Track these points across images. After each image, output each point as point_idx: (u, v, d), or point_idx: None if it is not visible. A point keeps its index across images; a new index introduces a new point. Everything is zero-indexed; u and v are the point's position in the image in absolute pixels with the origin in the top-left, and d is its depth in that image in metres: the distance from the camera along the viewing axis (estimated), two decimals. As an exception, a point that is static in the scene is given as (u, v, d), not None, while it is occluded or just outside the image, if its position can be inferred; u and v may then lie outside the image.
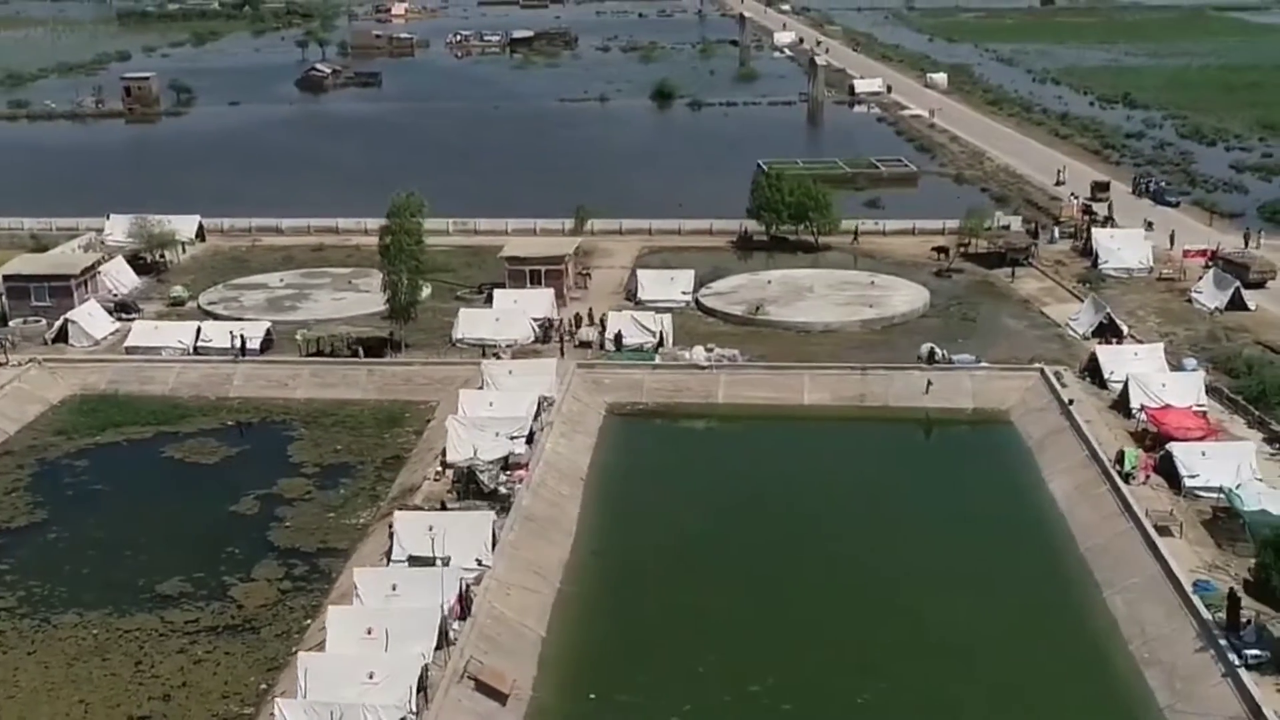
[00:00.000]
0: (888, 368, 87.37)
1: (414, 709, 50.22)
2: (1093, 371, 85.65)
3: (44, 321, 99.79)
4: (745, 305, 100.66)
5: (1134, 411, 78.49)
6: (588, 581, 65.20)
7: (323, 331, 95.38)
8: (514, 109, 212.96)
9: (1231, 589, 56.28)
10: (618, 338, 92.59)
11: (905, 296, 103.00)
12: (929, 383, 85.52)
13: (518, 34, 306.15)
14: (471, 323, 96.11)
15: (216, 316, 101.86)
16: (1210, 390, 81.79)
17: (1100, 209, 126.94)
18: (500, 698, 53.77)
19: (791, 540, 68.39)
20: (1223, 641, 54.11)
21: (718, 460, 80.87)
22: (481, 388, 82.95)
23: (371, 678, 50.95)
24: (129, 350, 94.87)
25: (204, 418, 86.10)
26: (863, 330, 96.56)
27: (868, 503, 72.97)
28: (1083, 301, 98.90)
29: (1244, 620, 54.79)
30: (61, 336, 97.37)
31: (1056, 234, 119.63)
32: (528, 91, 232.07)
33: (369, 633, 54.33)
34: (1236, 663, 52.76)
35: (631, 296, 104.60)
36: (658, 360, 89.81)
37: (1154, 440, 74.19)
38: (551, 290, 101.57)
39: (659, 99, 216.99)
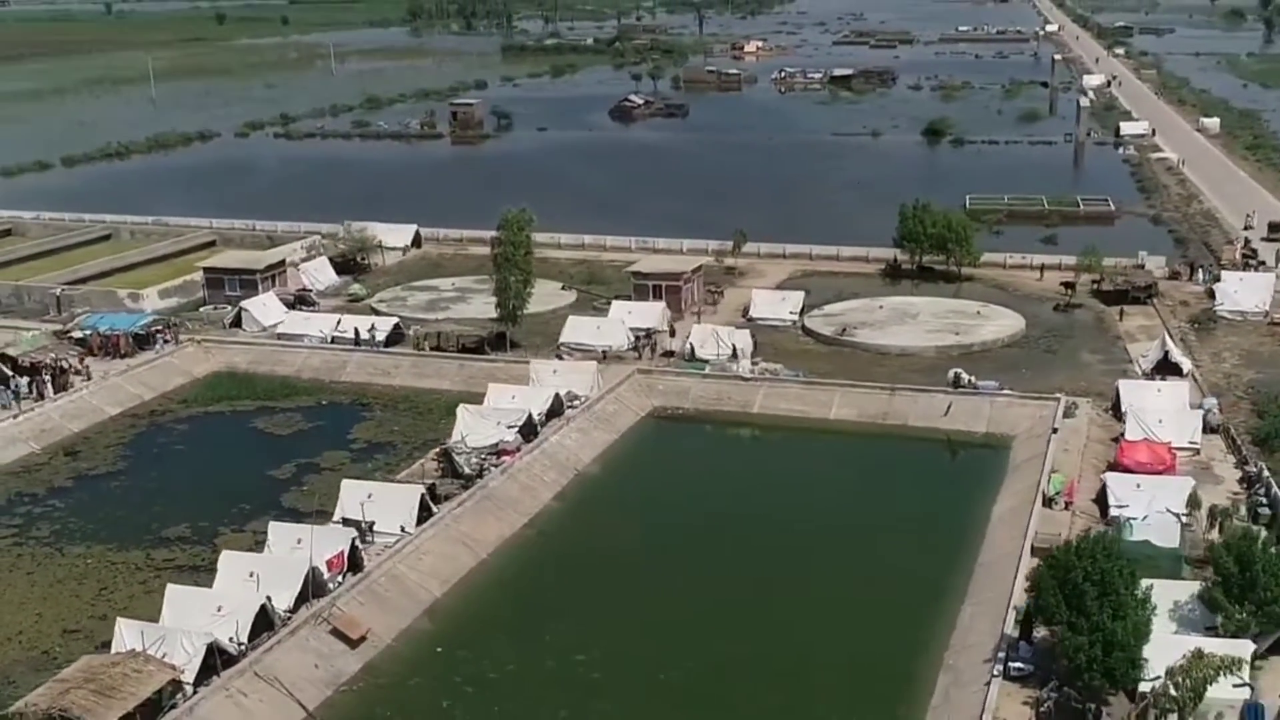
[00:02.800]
0: (914, 389, 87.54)
1: (241, 640, 55.51)
2: (1116, 405, 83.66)
3: (228, 308, 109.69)
4: (834, 327, 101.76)
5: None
6: (517, 558, 69.25)
7: (436, 329, 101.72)
8: (789, 140, 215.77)
9: (1027, 606, 55.76)
10: (692, 349, 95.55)
11: (998, 326, 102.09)
12: (949, 406, 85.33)
13: (838, 71, 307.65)
14: (576, 329, 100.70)
15: (378, 313, 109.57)
16: (1219, 429, 79.22)
17: (1269, 252, 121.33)
18: (350, 642, 58.53)
19: (728, 541, 70.33)
20: (1002, 654, 54.04)
21: (720, 464, 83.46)
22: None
23: (219, 611, 56.60)
24: (279, 336, 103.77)
25: (306, 396, 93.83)
26: (937, 355, 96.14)
27: (822, 512, 74.31)
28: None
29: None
30: (237, 322, 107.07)
31: (1202, 276, 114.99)
32: (814, 125, 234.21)
33: (250, 575, 60.00)
34: (998, 673, 52.76)
35: (746, 313, 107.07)
36: (707, 370, 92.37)
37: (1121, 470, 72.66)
38: (662, 304, 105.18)
39: (929, 135, 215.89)
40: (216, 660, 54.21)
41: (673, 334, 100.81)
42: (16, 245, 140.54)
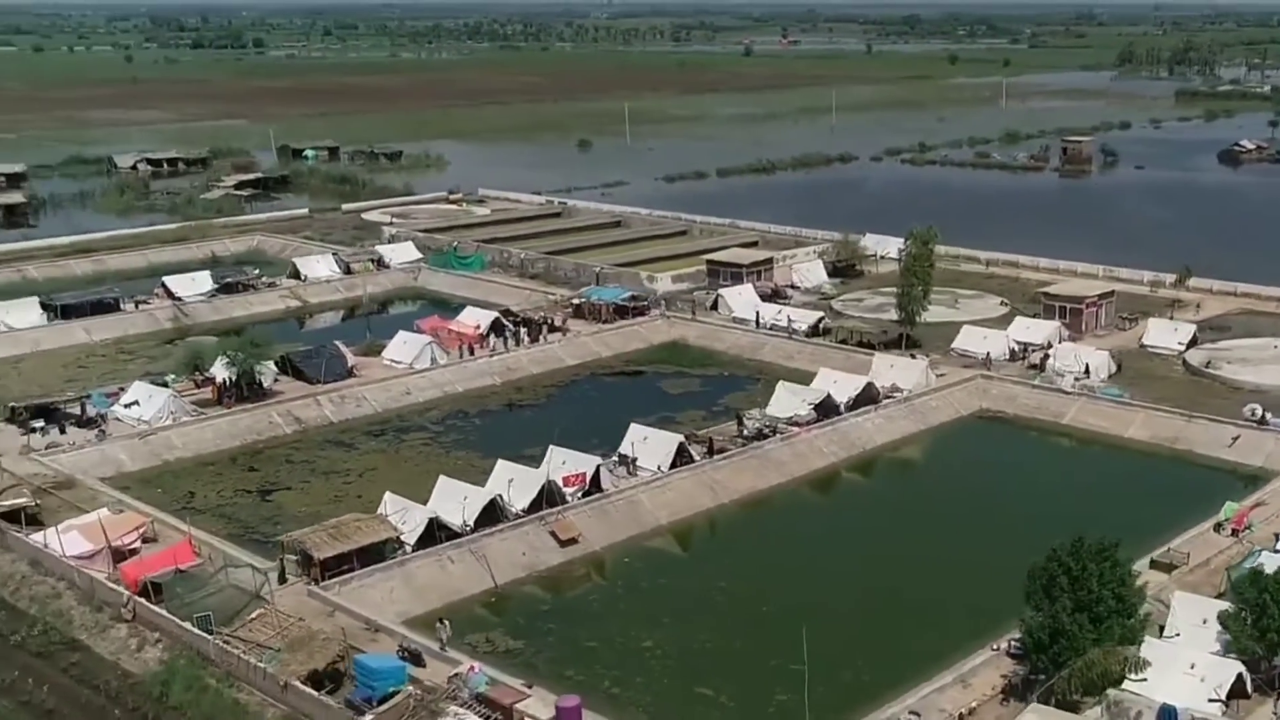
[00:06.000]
0: (1209, 418, 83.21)
1: (469, 525, 66.12)
2: (1407, 458, 75.97)
3: (713, 293, 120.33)
4: (1202, 359, 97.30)
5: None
6: (756, 506, 74.91)
7: (847, 325, 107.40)
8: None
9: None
10: (1042, 362, 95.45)
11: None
12: (1235, 438, 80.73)
13: None
14: (966, 337, 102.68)
15: (834, 310, 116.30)
16: None
17: None
18: (561, 542, 67.63)
19: (939, 522, 72.32)
20: (1012, 634, 54.69)
21: (998, 462, 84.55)
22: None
23: (465, 499, 67.55)
24: (734, 319, 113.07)
25: (717, 368, 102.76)
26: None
27: (1043, 512, 72.76)
28: None
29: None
30: (716, 305, 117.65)
31: None
32: None
33: (510, 482, 70.40)
34: (996, 648, 53.84)
35: (1140, 340, 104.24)
36: (1036, 381, 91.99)
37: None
38: (1056, 323, 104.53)
39: None
40: (438, 534, 65.06)
41: (1048, 348, 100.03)
42: (617, 233, 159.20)
